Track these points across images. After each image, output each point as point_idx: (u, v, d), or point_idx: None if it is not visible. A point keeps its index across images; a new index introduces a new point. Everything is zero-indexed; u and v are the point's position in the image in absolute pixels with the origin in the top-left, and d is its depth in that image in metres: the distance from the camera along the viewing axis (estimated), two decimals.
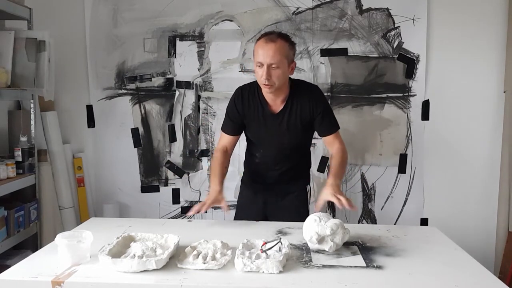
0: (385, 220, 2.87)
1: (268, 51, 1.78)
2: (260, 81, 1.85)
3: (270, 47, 1.78)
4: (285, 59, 1.82)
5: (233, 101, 2.02)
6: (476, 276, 1.33)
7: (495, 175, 2.83)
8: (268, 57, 1.78)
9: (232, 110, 2.01)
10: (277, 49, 1.78)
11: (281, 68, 1.81)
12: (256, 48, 1.83)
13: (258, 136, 2.05)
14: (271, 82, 1.82)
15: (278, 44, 1.79)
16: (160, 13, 2.87)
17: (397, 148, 2.88)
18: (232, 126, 2.04)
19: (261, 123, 1.98)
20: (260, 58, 1.80)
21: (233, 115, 2.02)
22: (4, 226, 2.28)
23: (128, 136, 2.96)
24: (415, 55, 2.81)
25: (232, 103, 2.02)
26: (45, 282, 1.26)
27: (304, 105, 1.93)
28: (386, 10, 2.80)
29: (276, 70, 1.80)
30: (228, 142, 2.06)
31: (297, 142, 2.02)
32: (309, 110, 1.93)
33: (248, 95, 1.98)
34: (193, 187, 2.98)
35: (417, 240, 1.64)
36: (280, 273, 1.31)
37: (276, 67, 1.79)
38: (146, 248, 1.40)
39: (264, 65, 1.79)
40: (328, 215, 1.58)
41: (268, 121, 1.96)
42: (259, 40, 1.85)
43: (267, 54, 1.78)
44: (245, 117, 2.00)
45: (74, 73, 2.93)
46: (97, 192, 3.01)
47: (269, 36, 1.82)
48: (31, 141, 2.53)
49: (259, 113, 1.97)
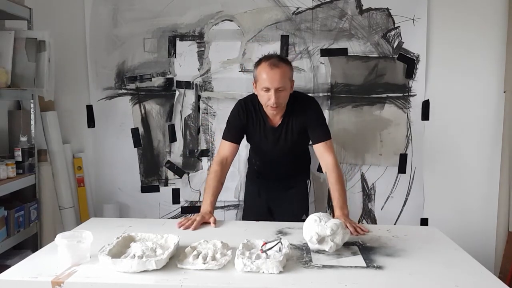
0: (385, 220, 2.87)
1: (274, 76, 1.90)
2: (267, 104, 1.97)
3: (275, 73, 1.90)
4: (289, 81, 1.97)
5: (236, 112, 2.13)
6: (476, 276, 1.33)
7: (495, 175, 2.83)
8: (276, 82, 1.90)
9: (235, 120, 2.12)
10: (282, 73, 1.91)
11: (286, 90, 1.96)
12: (260, 73, 1.94)
13: (259, 146, 2.20)
14: (278, 104, 1.95)
15: (283, 69, 1.92)
16: (160, 13, 2.86)
17: (397, 148, 2.88)
18: (234, 133, 2.12)
19: (262, 136, 2.12)
20: (266, 83, 1.91)
21: (236, 124, 2.12)
22: (4, 226, 2.27)
23: (128, 136, 2.96)
24: (415, 55, 2.81)
25: (235, 114, 2.13)
26: (45, 282, 1.26)
27: (299, 117, 2.06)
28: (386, 10, 2.79)
29: (282, 93, 1.94)
30: (229, 151, 2.11)
31: (295, 147, 2.16)
32: (304, 121, 2.06)
33: (251, 109, 2.10)
34: (193, 187, 2.98)
35: (417, 240, 1.64)
36: (280, 273, 1.31)
37: (282, 90, 1.93)
38: (146, 248, 1.40)
39: (271, 89, 1.91)
40: (328, 215, 1.58)
41: (268, 134, 2.10)
42: (260, 64, 1.96)
43: (274, 79, 1.90)
44: (248, 128, 2.13)
45: (74, 73, 2.93)
46: (97, 192, 3.01)
47: (271, 61, 1.93)
48: (31, 141, 2.53)
49: (261, 126, 2.10)
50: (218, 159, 2.09)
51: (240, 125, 2.11)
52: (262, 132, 2.11)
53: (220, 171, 2.06)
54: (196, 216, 1.86)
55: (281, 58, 2.02)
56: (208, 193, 2.00)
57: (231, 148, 2.10)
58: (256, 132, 2.12)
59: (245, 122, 2.10)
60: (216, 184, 2.02)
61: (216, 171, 2.05)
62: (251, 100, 2.12)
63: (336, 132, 2.74)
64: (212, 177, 2.04)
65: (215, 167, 2.07)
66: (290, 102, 2.04)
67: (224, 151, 2.10)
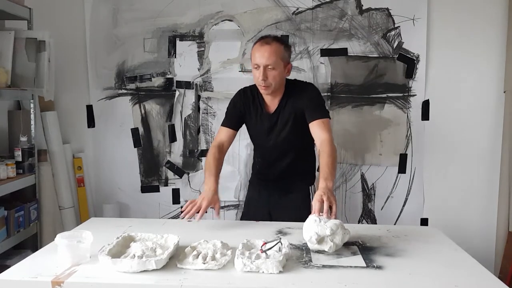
0: (385, 220, 2.87)
1: (264, 53, 1.89)
2: (257, 82, 1.96)
3: (265, 49, 1.89)
4: (281, 60, 1.92)
5: (235, 99, 2.13)
6: (476, 276, 1.33)
7: (495, 175, 2.83)
8: (264, 58, 1.88)
9: (234, 106, 2.12)
10: (272, 51, 1.89)
11: (277, 69, 1.91)
12: (253, 52, 1.94)
13: (257, 134, 2.15)
14: (267, 83, 1.92)
15: (274, 47, 1.90)
16: (160, 13, 2.87)
17: (397, 148, 2.88)
18: (231, 119, 2.11)
19: (258, 123, 2.08)
20: (256, 60, 1.91)
21: (234, 111, 2.11)
22: (4, 226, 2.28)
23: (128, 136, 2.96)
24: (415, 55, 2.81)
25: (233, 101, 2.13)
26: (45, 282, 1.26)
27: (295, 101, 2.00)
28: (386, 10, 2.79)
29: (272, 71, 1.90)
30: (226, 137, 2.09)
31: (291, 138, 2.06)
32: (301, 103, 1.99)
33: (250, 96, 2.09)
34: (193, 187, 2.98)
35: (417, 240, 1.64)
36: (280, 273, 1.31)
37: (272, 68, 1.90)
38: (146, 248, 1.40)
39: (260, 66, 1.90)
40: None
41: (265, 120, 2.07)
42: (255, 44, 1.96)
43: (263, 55, 1.89)
44: (245, 116, 2.10)
45: (74, 73, 2.93)
46: (97, 192, 3.01)
47: (264, 39, 1.93)
48: (31, 141, 2.53)
49: (258, 113, 2.07)
50: (215, 143, 2.07)
51: (237, 112, 2.09)
52: (258, 118, 2.07)
53: (218, 152, 2.02)
54: (200, 200, 1.79)
55: (276, 37, 1.98)
56: (210, 171, 1.94)
57: (227, 133, 2.08)
58: (252, 119, 2.08)
59: (242, 109, 2.08)
60: (216, 162, 1.97)
61: (213, 152, 2.01)
62: (250, 88, 2.10)
63: (336, 132, 2.74)
64: (211, 158, 2.00)
65: (212, 150, 2.04)
66: (287, 88, 2.01)
67: (221, 136, 2.08)
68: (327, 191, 1.62)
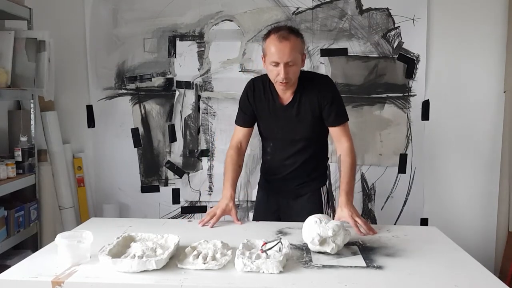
0: (385, 220, 2.87)
1: (284, 50, 1.75)
2: (276, 80, 1.82)
3: (285, 46, 1.75)
4: (300, 54, 1.81)
5: (245, 93, 2.00)
6: (476, 276, 1.33)
7: (495, 175, 2.83)
8: (285, 56, 1.75)
9: (244, 101, 2.01)
10: (292, 47, 1.76)
11: (297, 65, 1.80)
12: (268, 46, 1.79)
13: (269, 128, 2.02)
14: (288, 80, 1.80)
15: (293, 42, 1.76)
16: (160, 13, 2.87)
17: (397, 148, 2.88)
18: (244, 117, 2.03)
19: (271, 115, 1.96)
20: (275, 57, 1.76)
21: (245, 107, 2.01)
22: (4, 226, 2.27)
23: (128, 136, 2.96)
24: (415, 55, 2.81)
25: (244, 95, 2.01)
26: (45, 282, 1.26)
27: (312, 96, 1.89)
28: (386, 10, 2.80)
29: (292, 67, 1.78)
30: (242, 135, 2.04)
31: (307, 135, 1.97)
32: (318, 100, 1.89)
33: (260, 87, 1.96)
34: (193, 187, 2.98)
35: (417, 240, 1.64)
36: (280, 273, 1.31)
37: (292, 64, 1.78)
38: (146, 248, 1.40)
39: (280, 64, 1.76)
40: (327, 216, 1.58)
41: (278, 112, 1.94)
42: (269, 37, 1.80)
43: (284, 53, 1.75)
44: (257, 109, 1.98)
45: (74, 73, 2.93)
46: (97, 192, 3.01)
47: (281, 33, 1.77)
48: (31, 141, 2.53)
49: (270, 105, 1.95)
50: (233, 144, 2.04)
51: (249, 108, 1.99)
52: (271, 110, 1.95)
53: (236, 155, 2.00)
54: (215, 209, 1.83)
55: (292, 29, 1.82)
56: (227, 176, 1.94)
57: (243, 132, 2.03)
58: (264, 111, 1.96)
59: (253, 103, 1.98)
60: (233, 167, 1.96)
61: (231, 155, 2.00)
62: (261, 79, 1.98)
63: None
64: (228, 161, 1.99)
65: (229, 152, 2.02)
66: (301, 79, 1.88)
67: (238, 136, 2.04)
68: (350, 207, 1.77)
